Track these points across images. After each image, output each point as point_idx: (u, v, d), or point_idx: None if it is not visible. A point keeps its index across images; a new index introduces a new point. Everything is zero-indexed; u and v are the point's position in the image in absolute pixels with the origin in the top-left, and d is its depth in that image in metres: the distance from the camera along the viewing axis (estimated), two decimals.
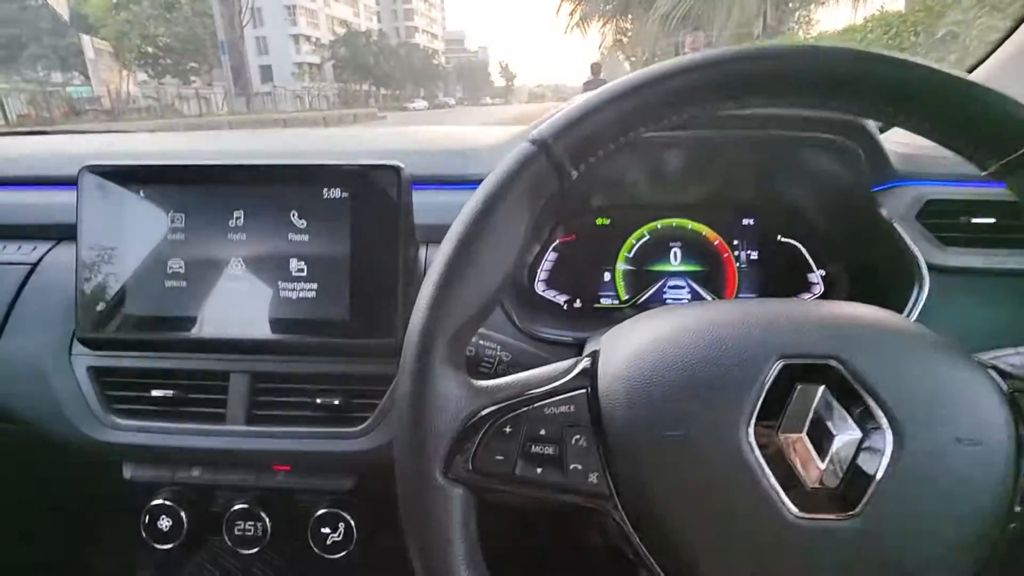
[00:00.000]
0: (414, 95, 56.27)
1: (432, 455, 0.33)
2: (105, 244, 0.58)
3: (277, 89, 27.52)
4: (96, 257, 0.58)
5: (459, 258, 0.34)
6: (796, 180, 0.66)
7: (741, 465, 0.31)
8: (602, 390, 0.34)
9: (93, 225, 0.58)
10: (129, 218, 0.58)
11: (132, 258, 0.58)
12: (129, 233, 0.58)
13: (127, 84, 19.57)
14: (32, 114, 15.46)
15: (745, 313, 0.35)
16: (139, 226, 0.58)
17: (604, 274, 0.71)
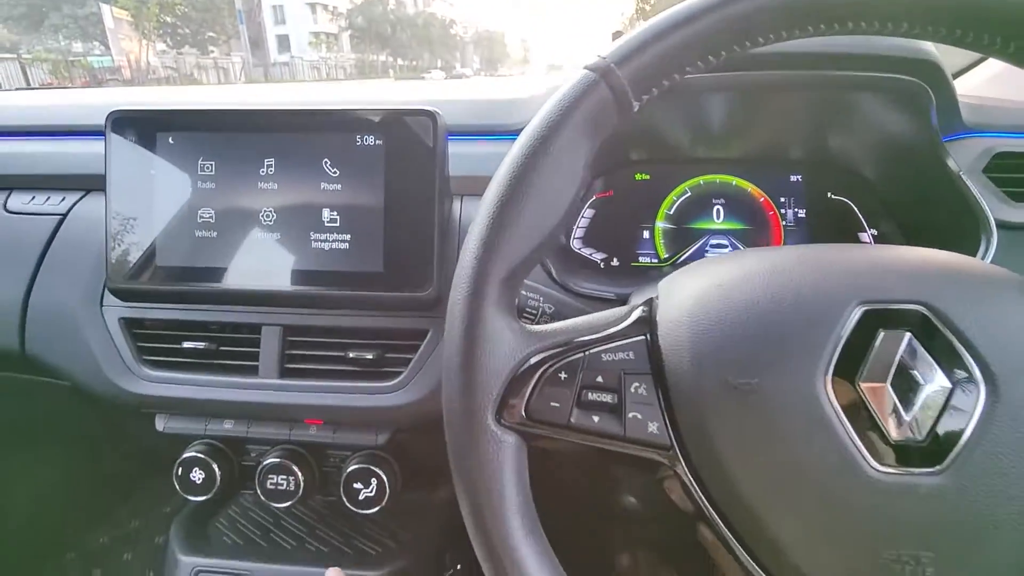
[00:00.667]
0: (431, 65, 55.59)
1: (484, 400, 0.31)
2: (134, 193, 0.57)
3: (294, 59, 27.39)
4: (125, 206, 0.57)
5: (514, 193, 0.31)
6: (852, 129, 0.62)
7: (818, 416, 0.28)
8: (663, 336, 0.32)
9: (122, 173, 0.57)
10: (158, 166, 0.57)
11: (162, 207, 0.57)
12: (158, 182, 0.57)
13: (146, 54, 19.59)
14: (54, 83, 15.60)
15: (820, 256, 0.33)
16: (168, 174, 0.57)
17: (643, 231, 0.69)
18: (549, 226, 0.32)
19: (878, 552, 0.28)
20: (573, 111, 0.32)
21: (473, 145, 0.62)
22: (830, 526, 0.29)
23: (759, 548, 0.30)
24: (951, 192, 0.55)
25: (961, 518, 0.28)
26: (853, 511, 0.28)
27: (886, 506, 0.28)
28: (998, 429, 0.28)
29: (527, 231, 0.32)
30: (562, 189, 0.32)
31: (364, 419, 0.58)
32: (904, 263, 0.31)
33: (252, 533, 0.67)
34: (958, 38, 0.31)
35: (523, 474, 0.31)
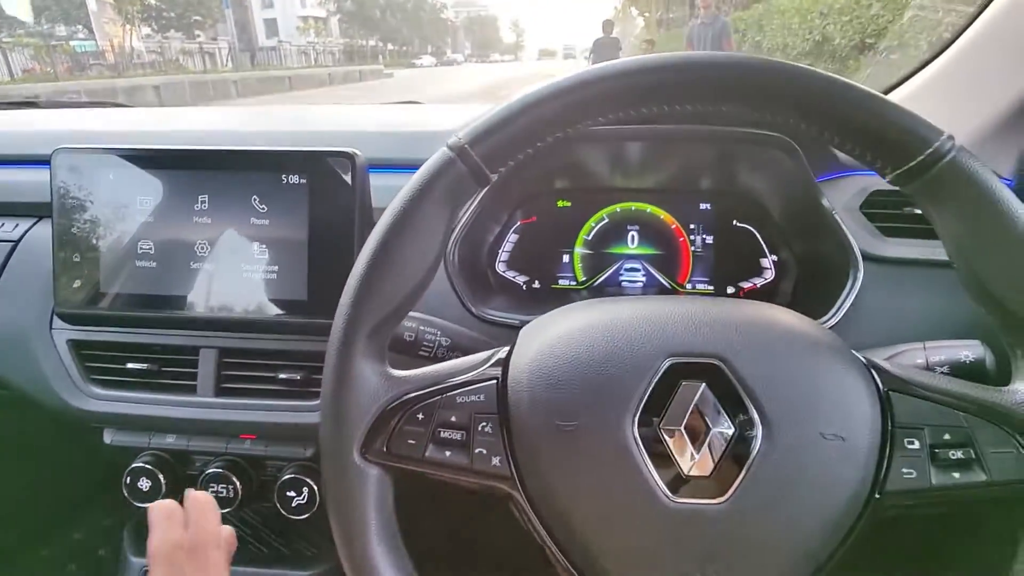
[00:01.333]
0: (421, 51, 54.98)
1: (350, 437, 0.36)
2: (79, 224, 0.61)
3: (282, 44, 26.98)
4: (70, 237, 0.61)
5: (378, 258, 0.36)
6: (750, 170, 0.68)
7: (625, 454, 0.34)
8: (510, 381, 0.37)
9: (66, 205, 0.61)
10: (100, 200, 0.61)
11: (105, 238, 0.61)
12: (101, 214, 0.61)
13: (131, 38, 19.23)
14: (36, 69, 15.35)
15: (645, 311, 0.38)
16: (110, 207, 0.61)
17: (563, 256, 0.74)
18: (411, 286, 0.37)
19: (675, 568, 0.34)
20: (432, 186, 0.37)
21: (398, 177, 0.67)
22: (637, 547, 0.34)
23: (584, 566, 0.35)
24: (828, 227, 0.60)
25: (740, 538, 0.33)
26: (654, 534, 0.34)
27: (679, 531, 0.34)
28: (771, 466, 0.33)
29: (390, 292, 0.37)
30: (424, 253, 0.37)
31: (293, 434, 0.63)
32: (711, 319, 0.37)
33: None
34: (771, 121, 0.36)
35: (385, 500, 0.37)
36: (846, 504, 0.34)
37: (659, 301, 0.40)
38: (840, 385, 0.35)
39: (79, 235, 0.62)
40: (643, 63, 0.35)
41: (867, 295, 0.58)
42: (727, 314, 0.37)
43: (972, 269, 0.35)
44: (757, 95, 0.35)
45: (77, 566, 1.15)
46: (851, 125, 0.34)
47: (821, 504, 0.34)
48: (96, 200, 0.61)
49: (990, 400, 0.35)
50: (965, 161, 0.33)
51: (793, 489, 0.33)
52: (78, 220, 0.62)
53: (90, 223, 0.61)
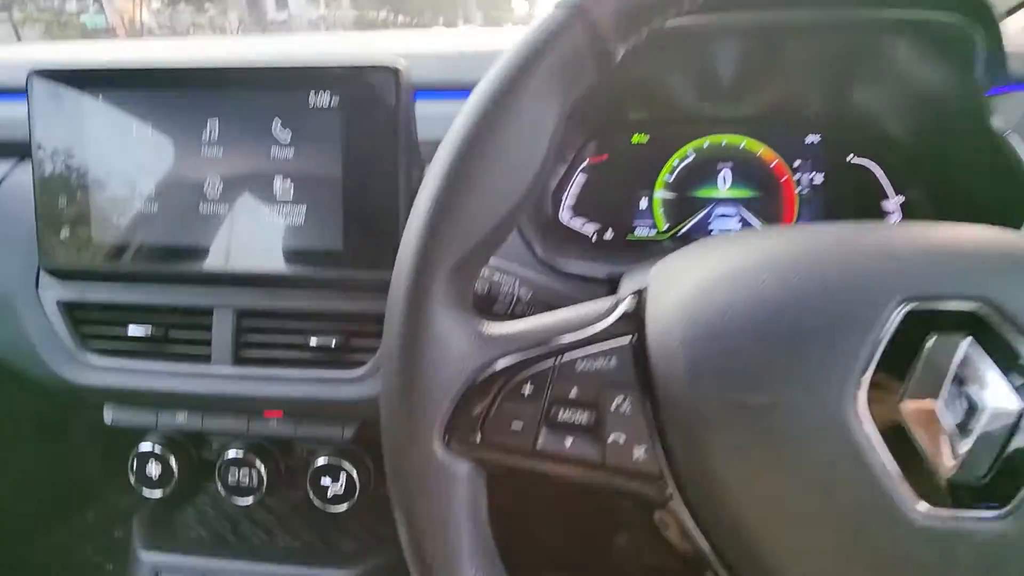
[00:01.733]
0: (432, 22, 54.24)
1: (429, 421, 0.25)
2: (65, 161, 0.51)
3: (293, 17, 26.65)
4: (55, 177, 0.51)
5: (465, 162, 0.25)
6: (881, 80, 0.54)
7: (848, 444, 0.22)
8: (653, 339, 0.26)
9: (49, 140, 0.51)
10: (89, 130, 0.50)
11: (96, 177, 0.51)
12: (90, 148, 0.50)
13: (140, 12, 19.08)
14: None
15: (853, 239, 0.26)
16: (101, 140, 0.50)
17: (640, 200, 0.62)
18: (509, 204, 0.26)
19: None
20: (539, 58, 0.25)
21: (445, 104, 0.55)
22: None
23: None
24: (993, 154, 0.48)
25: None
26: (892, 563, 0.22)
27: (932, 558, 0.22)
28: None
29: (482, 207, 0.25)
30: (525, 158, 0.26)
31: (328, 412, 0.52)
32: (958, 247, 0.25)
33: (220, 528, 0.63)
34: None
35: (480, 511, 0.26)
36: None
37: (862, 227, 0.28)
38: None
39: (65, 175, 0.51)
40: None
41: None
42: (977, 240, 0.25)
43: None
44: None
45: (93, 549, 1.09)
46: None
47: None
48: (83, 131, 0.50)
49: None
50: None
51: None
52: (63, 157, 0.51)
53: (78, 160, 0.51)
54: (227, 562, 0.58)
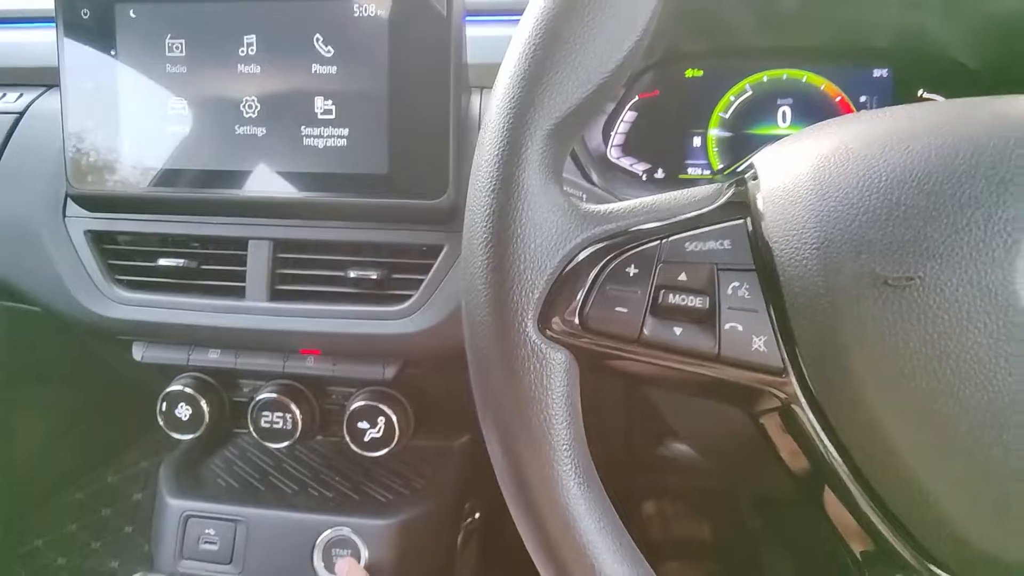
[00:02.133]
0: None
1: (523, 302, 0.22)
2: (94, 81, 0.48)
3: None
4: (84, 97, 0.49)
5: (567, 9, 0.22)
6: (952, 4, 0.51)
7: (1012, 324, 0.19)
8: (773, 217, 0.23)
9: (77, 58, 0.48)
10: (119, 47, 0.48)
11: (126, 98, 0.48)
12: (121, 66, 0.48)
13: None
14: None
15: (1005, 108, 0.23)
16: (132, 57, 0.48)
17: (694, 138, 0.58)
18: (611, 63, 0.23)
19: None
20: None
21: (495, 28, 0.52)
22: (1021, 484, 0.20)
23: (918, 523, 0.21)
24: None
25: None
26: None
27: None
28: None
29: (583, 65, 0.22)
30: (629, 15, 0.23)
31: (368, 349, 0.50)
32: None
33: (250, 476, 0.61)
34: None
35: (575, 405, 0.23)
36: None
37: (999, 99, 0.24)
38: None
39: (94, 94, 0.48)
40: None
41: None
42: None
43: None
44: None
45: (112, 511, 1.08)
46: None
47: None
48: (113, 47, 0.48)
49: None
50: None
51: None
52: (92, 75, 0.48)
53: (107, 78, 0.48)
54: (257, 510, 0.56)
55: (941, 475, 0.21)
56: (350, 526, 0.54)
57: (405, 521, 0.55)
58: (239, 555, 0.54)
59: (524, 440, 0.22)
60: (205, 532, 0.55)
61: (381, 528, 0.54)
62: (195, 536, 0.55)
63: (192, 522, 0.55)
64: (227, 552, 0.54)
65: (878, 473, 0.21)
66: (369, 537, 0.54)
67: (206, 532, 0.55)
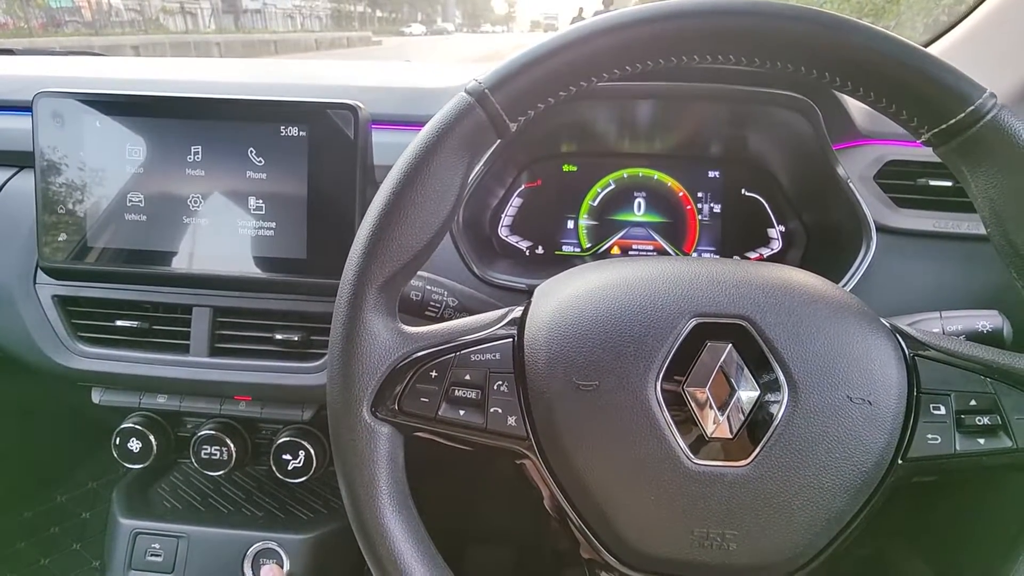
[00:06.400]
0: (411, 19, 53.74)
1: (360, 394, 0.35)
2: (64, 173, 0.58)
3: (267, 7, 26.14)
4: (55, 187, 0.58)
5: (391, 208, 0.35)
6: (762, 135, 0.66)
7: (646, 414, 0.33)
8: (527, 339, 0.36)
9: (50, 154, 0.58)
10: (87, 148, 0.58)
11: (92, 189, 0.58)
12: (88, 163, 0.58)
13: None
14: (9, 24, 14.74)
15: (666, 271, 0.37)
16: (98, 156, 0.58)
17: (568, 221, 0.72)
18: (424, 239, 0.35)
19: (693, 529, 0.33)
20: (449, 133, 0.35)
21: (399, 135, 0.64)
22: (655, 509, 0.33)
23: (600, 529, 0.35)
24: (841, 196, 0.59)
25: (760, 502, 0.33)
26: (673, 496, 0.33)
27: (699, 492, 0.33)
28: (796, 429, 0.33)
29: (403, 244, 0.35)
30: (439, 205, 0.35)
31: (290, 396, 0.61)
32: (737, 280, 0.35)
33: (192, 499, 0.71)
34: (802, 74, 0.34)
35: (396, 460, 0.35)
36: (871, 468, 0.33)
37: (681, 261, 0.38)
38: (867, 349, 0.34)
39: (64, 185, 0.58)
40: (678, 7, 0.33)
41: (879, 265, 0.57)
42: (752, 275, 0.36)
43: (1007, 233, 0.33)
44: (790, 45, 0.33)
45: (60, 529, 1.13)
46: (887, 79, 0.32)
47: (844, 468, 0.33)
48: (82, 149, 0.58)
49: (1017, 367, 0.34)
50: (1007, 120, 0.32)
51: (817, 452, 0.33)
52: (62, 170, 0.58)
53: (76, 173, 0.58)
54: (197, 527, 0.66)
55: (612, 506, 0.34)
56: (275, 540, 0.65)
57: (321, 535, 0.67)
58: (180, 565, 0.64)
59: (360, 483, 0.34)
60: (151, 546, 0.65)
61: (301, 542, 0.65)
62: (143, 550, 0.65)
63: (140, 538, 0.65)
64: (170, 563, 0.64)
65: (581, 503, 0.35)
66: (290, 549, 0.65)
67: (152, 546, 0.65)
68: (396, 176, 0.35)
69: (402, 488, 0.35)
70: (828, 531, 0.34)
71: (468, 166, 0.36)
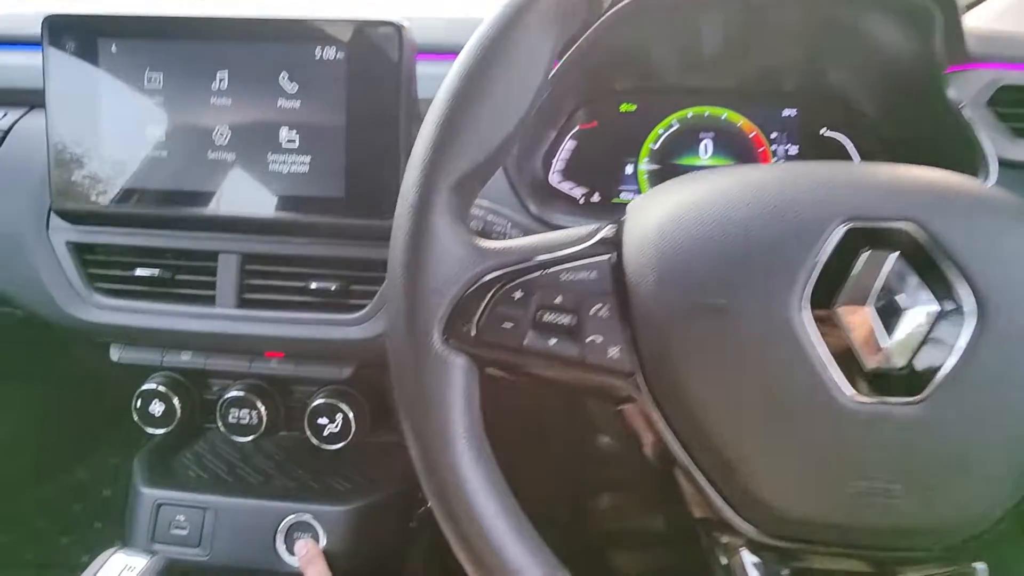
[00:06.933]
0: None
1: (430, 319, 0.28)
2: (77, 107, 0.53)
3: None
4: (68, 122, 0.53)
5: (468, 89, 0.28)
6: (852, 56, 0.58)
7: (791, 340, 0.26)
8: (629, 255, 0.29)
9: (62, 85, 0.53)
10: (101, 77, 0.53)
11: (107, 123, 0.53)
12: (103, 95, 0.53)
13: None
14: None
15: (803, 172, 0.30)
16: (113, 87, 0.53)
17: (626, 166, 0.65)
18: (507, 129, 0.29)
19: (848, 483, 0.26)
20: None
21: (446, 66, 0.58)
22: (799, 458, 0.27)
23: (724, 482, 0.28)
24: (951, 126, 0.52)
25: (934, 451, 0.26)
26: (824, 442, 0.26)
27: (858, 436, 0.26)
28: (983, 361, 0.26)
29: (483, 130, 0.29)
30: (522, 90, 0.29)
31: (327, 352, 0.55)
32: (894, 179, 0.29)
33: (218, 468, 0.66)
34: None
35: (473, 400, 0.29)
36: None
37: (810, 164, 0.31)
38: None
39: (77, 119, 0.53)
40: None
41: None
42: (913, 174, 0.29)
43: None
44: None
45: (82, 507, 1.10)
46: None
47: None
48: (96, 77, 0.52)
49: None
50: None
51: (1009, 389, 0.26)
52: (76, 101, 0.53)
53: (90, 105, 0.53)
54: (224, 498, 0.61)
55: (743, 455, 0.27)
56: (310, 512, 0.59)
57: (360, 508, 0.61)
58: (207, 539, 0.59)
59: (429, 427, 0.28)
60: (176, 518, 0.60)
61: (339, 515, 0.60)
62: (166, 521, 0.60)
63: (164, 509, 0.60)
64: (196, 536, 0.59)
65: (699, 451, 0.28)
66: (328, 522, 0.59)
67: (176, 518, 0.60)
68: (474, 49, 0.28)
69: (481, 435, 0.29)
70: (1018, 487, 0.27)
71: (556, 41, 0.30)
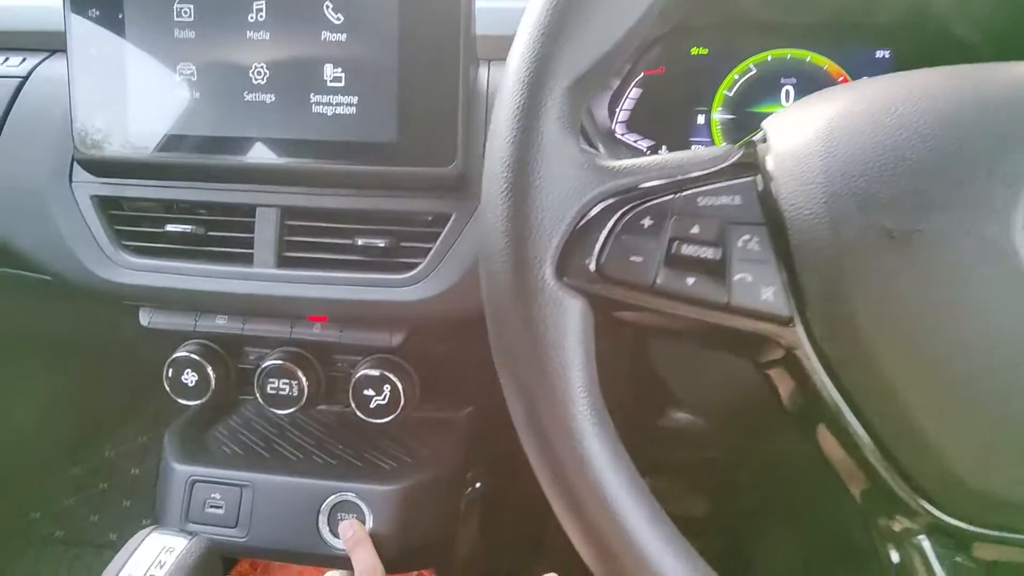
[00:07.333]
0: None
1: (541, 249, 0.23)
2: (100, 46, 0.48)
3: None
4: (91, 62, 0.48)
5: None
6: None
7: (1012, 273, 0.20)
8: (783, 174, 0.24)
9: (84, 24, 0.48)
10: (127, 11, 0.47)
11: (134, 63, 0.48)
12: (129, 31, 0.48)
13: None
14: None
15: (1004, 67, 0.24)
16: (140, 22, 0.47)
17: (698, 116, 0.59)
18: (630, 20, 0.23)
19: None
20: None
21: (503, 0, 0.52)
22: (1017, 429, 0.21)
23: (913, 460, 0.22)
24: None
25: None
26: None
27: None
28: None
29: (602, 21, 0.23)
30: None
31: (375, 316, 0.50)
32: None
33: (254, 444, 0.62)
34: None
35: (590, 351, 0.24)
36: None
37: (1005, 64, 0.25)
38: None
39: (102, 58, 0.48)
40: None
41: None
42: None
43: None
44: None
45: (110, 485, 1.08)
46: None
47: None
48: (121, 11, 0.47)
49: None
50: None
51: None
52: (99, 39, 0.48)
53: (114, 42, 0.48)
54: (263, 475, 0.57)
55: (935, 414, 0.22)
56: (355, 491, 0.55)
57: (408, 488, 0.56)
58: (244, 519, 0.55)
59: (540, 382, 0.23)
60: (211, 496, 0.56)
61: (386, 493, 0.55)
62: (201, 500, 0.56)
63: (198, 487, 0.56)
64: (233, 516, 0.55)
65: (877, 413, 0.22)
66: (374, 502, 0.55)
67: (212, 496, 0.56)
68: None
69: (599, 392, 0.24)
70: None
71: None
